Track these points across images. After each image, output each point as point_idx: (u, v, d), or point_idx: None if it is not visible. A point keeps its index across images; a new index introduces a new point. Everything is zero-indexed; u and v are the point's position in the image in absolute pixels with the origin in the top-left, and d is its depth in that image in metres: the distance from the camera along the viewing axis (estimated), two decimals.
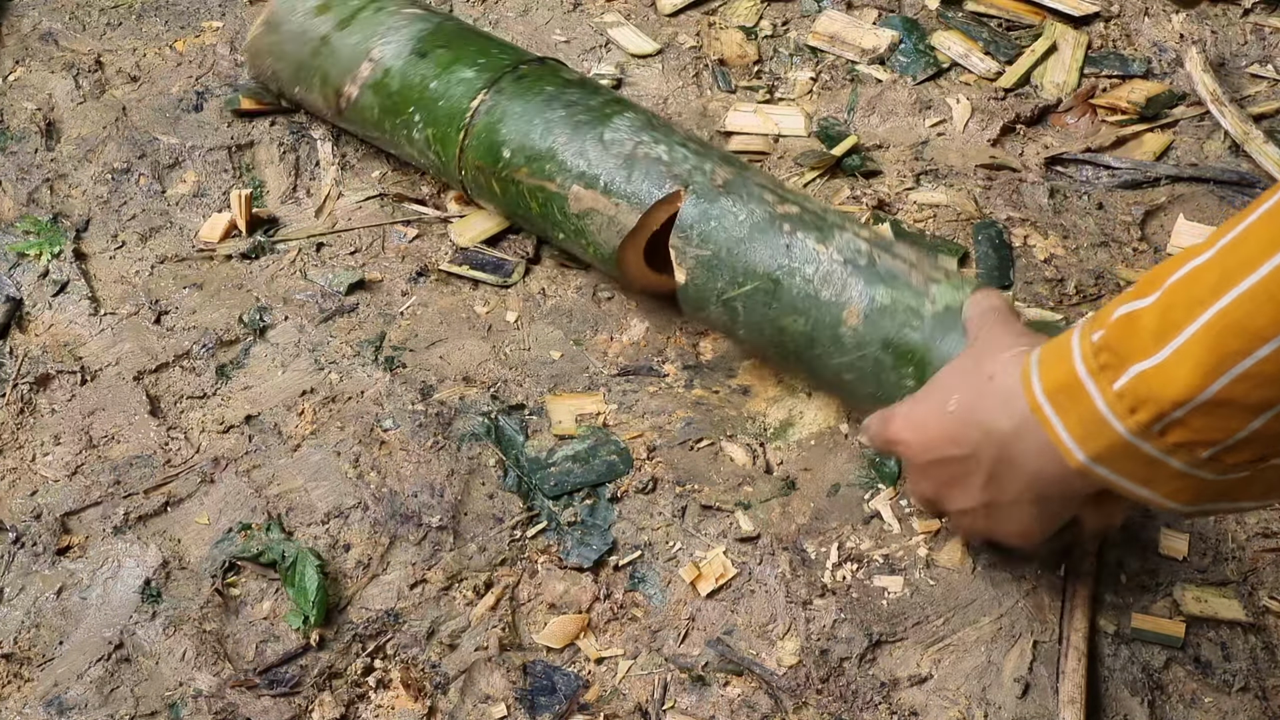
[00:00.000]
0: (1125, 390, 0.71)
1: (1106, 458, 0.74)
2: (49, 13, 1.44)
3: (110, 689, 0.91)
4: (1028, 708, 0.91)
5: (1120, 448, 0.73)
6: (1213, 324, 0.67)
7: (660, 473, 1.04)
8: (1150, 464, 0.72)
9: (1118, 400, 0.71)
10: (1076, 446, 0.75)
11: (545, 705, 0.92)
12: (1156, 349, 0.69)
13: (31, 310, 1.16)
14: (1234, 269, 0.66)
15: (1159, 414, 0.70)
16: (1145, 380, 0.70)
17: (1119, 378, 0.71)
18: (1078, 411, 0.74)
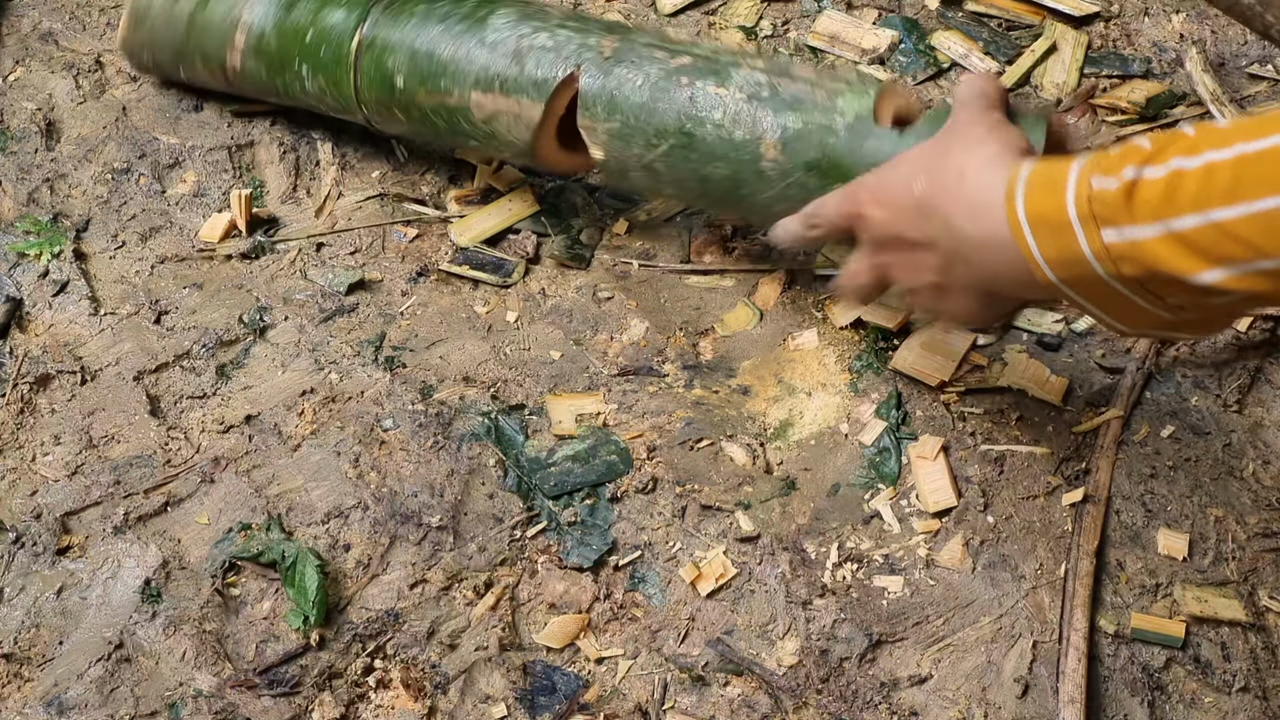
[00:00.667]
0: (1115, 248, 0.73)
1: (1077, 285, 0.77)
2: (49, 13, 1.44)
3: (110, 689, 0.91)
4: (1028, 708, 0.91)
5: (1097, 284, 0.76)
6: (1217, 228, 0.69)
7: (660, 473, 1.04)
8: (1119, 298, 0.76)
9: (1105, 252, 0.74)
10: (1050, 270, 0.78)
11: (545, 705, 0.92)
12: (1154, 220, 0.72)
13: (31, 310, 1.16)
14: (1249, 184, 0.69)
15: (1143, 276, 0.73)
16: (1140, 248, 0.72)
17: (1110, 231, 0.74)
18: (1059, 245, 0.76)
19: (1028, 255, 0.78)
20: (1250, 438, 1.07)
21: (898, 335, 1.13)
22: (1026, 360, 1.11)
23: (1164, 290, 0.74)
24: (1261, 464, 1.06)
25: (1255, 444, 1.07)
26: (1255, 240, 0.68)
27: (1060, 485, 1.04)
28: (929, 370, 1.10)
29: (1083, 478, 1.04)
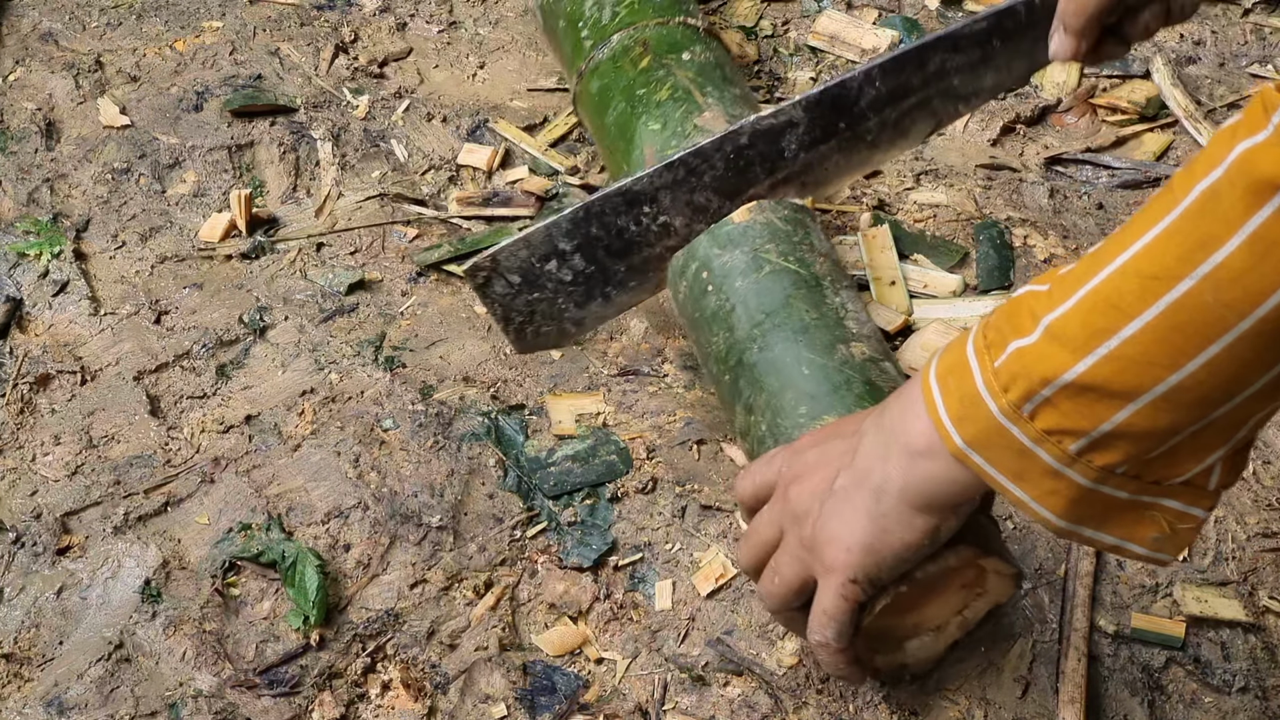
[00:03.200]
0: (1002, 367, 0.68)
1: (981, 442, 0.69)
2: (49, 13, 1.44)
3: (110, 689, 0.91)
4: (1028, 708, 0.91)
5: (993, 430, 0.68)
6: (1084, 300, 0.65)
7: (660, 473, 1.04)
8: (1021, 454, 0.68)
9: (994, 378, 0.68)
10: (954, 429, 0.70)
11: (545, 705, 0.92)
12: (1034, 326, 0.67)
13: (31, 310, 1.16)
14: (1111, 249, 0.65)
15: (1028, 391, 0.66)
16: (1020, 356, 0.67)
17: (1000, 355, 0.68)
18: (960, 390, 0.70)
19: (934, 416, 0.71)
20: None
21: (898, 335, 1.13)
22: None
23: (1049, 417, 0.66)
24: (1262, 464, 1.06)
25: (1255, 444, 1.07)
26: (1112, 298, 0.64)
27: None
28: None
29: None
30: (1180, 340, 0.62)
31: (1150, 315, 0.62)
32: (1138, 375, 0.64)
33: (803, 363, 0.94)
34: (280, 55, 1.39)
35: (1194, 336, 0.62)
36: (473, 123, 1.33)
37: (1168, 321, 0.62)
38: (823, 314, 0.97)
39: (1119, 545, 0.71)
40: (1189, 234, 0.61)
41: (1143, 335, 0.63)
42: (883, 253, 1.20)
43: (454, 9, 1.46)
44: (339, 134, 1.31)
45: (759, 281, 0.99)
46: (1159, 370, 0.63)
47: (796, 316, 0.97)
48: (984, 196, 1.26)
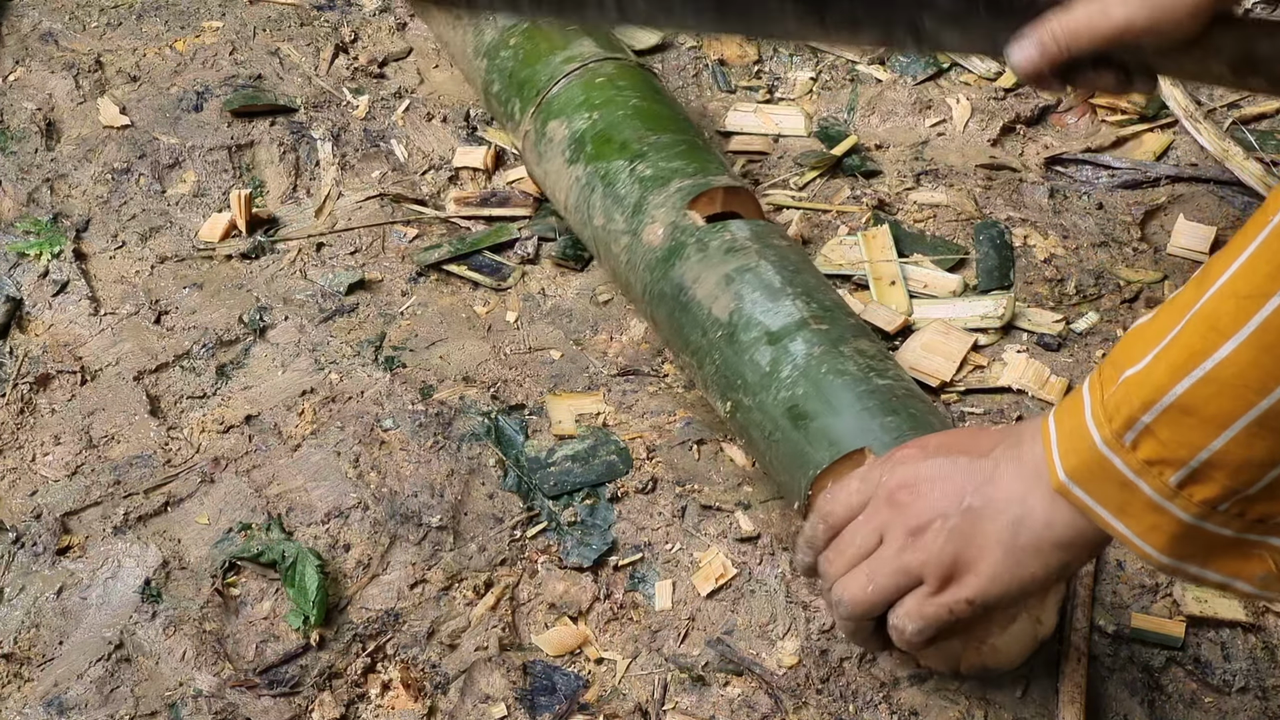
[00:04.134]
0: (1110, 398, 0.67)
1: (1083, 475, 0.69)
2: (49, 13, 1.44)
3: (110, 689, 0.91)
4: (1028, 708, 0.91)
5: (1095, 462, 0.68)
6: (1189, 324, 0.64)
7: (660, 473, 1.04)
8: (1124, 486, 0.68)
9: (1102, 409, 0.67)
10: (1059, 460, 0.70)
11: (545, 705, 0.92)
12: (1143, 355, 0.66)
13: (31, 310, 1.16)
14: (1214, 270, 0.64)
15: (1130, 418, 0.66)
16: (1125, 386, 0.66)
17: (1110, 388, 0.68)
18: (1070, 423, 0.70)
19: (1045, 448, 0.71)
20: None
21: (898, 335, 1.13)
22: (1026, 360, 1.11)
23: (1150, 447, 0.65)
24: None
25: None
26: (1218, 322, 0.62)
27: None
28: (929, 370, 1.10)
29: None
30: (1270, 362, 0.61)
31: (1244, 335, 0.61)
32: (1231, 399, 0.62)
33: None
34: (280, 55, 1.39)
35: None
36: (472, 123, 1.33)
37: (1259, 341, 0.61)
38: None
39: (1226, 583, 0.69)
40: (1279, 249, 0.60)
41: (1236, 356, 0.62)
42: (883, 253, 1.20)
43: None
44: (339, 134, 1.31)
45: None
46: (1250, 394, 0.61)
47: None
48: (984, 196, 1.26)
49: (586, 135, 1.15)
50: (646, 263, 1.07)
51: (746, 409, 0.99)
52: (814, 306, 1.00)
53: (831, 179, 1.28)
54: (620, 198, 1.10)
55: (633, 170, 1.11)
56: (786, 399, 0.96)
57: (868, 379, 0.95)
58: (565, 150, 1.16)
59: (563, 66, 1.19)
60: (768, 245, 1.05)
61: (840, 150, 1.30)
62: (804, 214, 1.24)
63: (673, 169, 1.10)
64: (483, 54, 1.26)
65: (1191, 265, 1.21)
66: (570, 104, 1.17)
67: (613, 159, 1.12)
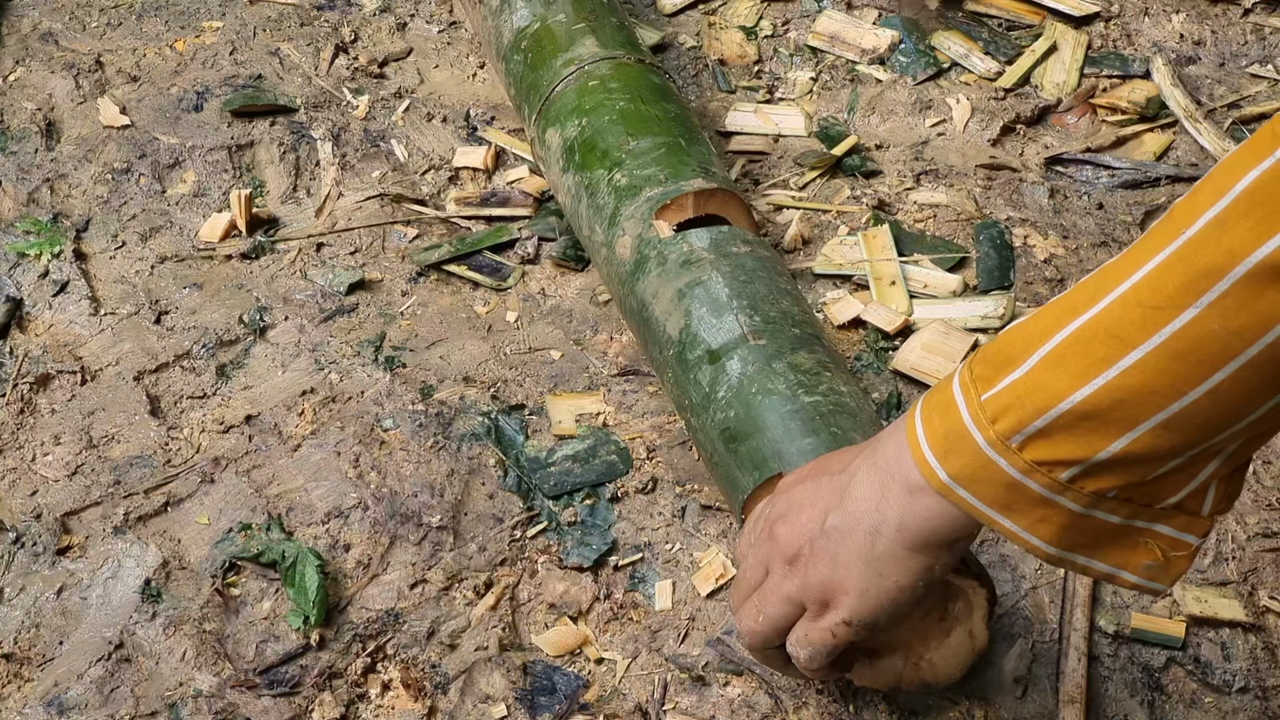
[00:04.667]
0: (990, 400, 0.66)
1: (967, 477, 0.68)
2: (49, 13, 1.44)
3: (110, 689, 0.91)
4: (1028, 708, 0.91)
5: (979, 464, 0.67)
6: (1083, 330, 0.64)
7: (660, 473, 1.04)
8: (1010, 487, 0.67)
9: (981, 411, 0.67)
10: (938, 463, 0.69)
11: (545, 705, 0.92)
12: (1025, 357, 0.66)
13: (31, 310, 1.16)
14: (1109, 278, 0.64)
15: (1020, 422, 0.65)
16: (1011, 389, 0.66)
17: (989, 389, 0.67)
18: (945, 425, 0.69)
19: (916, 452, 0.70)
20: None
21: (898, 336, 1.13)
22: None
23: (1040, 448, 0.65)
24: (1262, 464, 1.06)
25: None
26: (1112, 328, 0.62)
27: None
28: (930, 370, 1.10)
29: None
30: (1184, 368, 0.61)
31: (1152, 344, 0.62)
32: (1138, 404, 0.63)
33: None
34: (280, 55, 1.39)
35: (1198, 364, 0.61)
36: (472, 123, 1.33)
37: (1171, 350, 0.61)
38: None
39: (1112, 574, 0.70)
40: (1193, 263, 0.61)
41: (1144, 364, 0.62)
42: (883, 253, 1.20)
43: (454, 9, 1.46)
44: (339, 134, 1.31)
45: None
46: (1160, 399, 0.62)
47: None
48: (984, 196, 1.26)
49: (575, 143, 1.15)
50: (620, 276, 1.07)
51: (694, 429, 1.00)
52: (756, 320, 0.99)
53: (831, 179, 1.28)
54: (600, 209, 1.10)
55: (610, 180, 1.10)
56: (721, 420, 0.96)
57: (795, 397, 0.94)
58: (560, 159, 1.16)
59: (561, 71, 1.19)
60: (723, 255, 1.03)
61: (840, 150, 1.30)
62: (804, 214, 1.24)
63: (645, 177, 1.09)
64: (501, 57, 1.27)
65: None
66: (564, 110, 1.17)
67: (595, 168, 1.12)
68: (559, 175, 1.16)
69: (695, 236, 1.05)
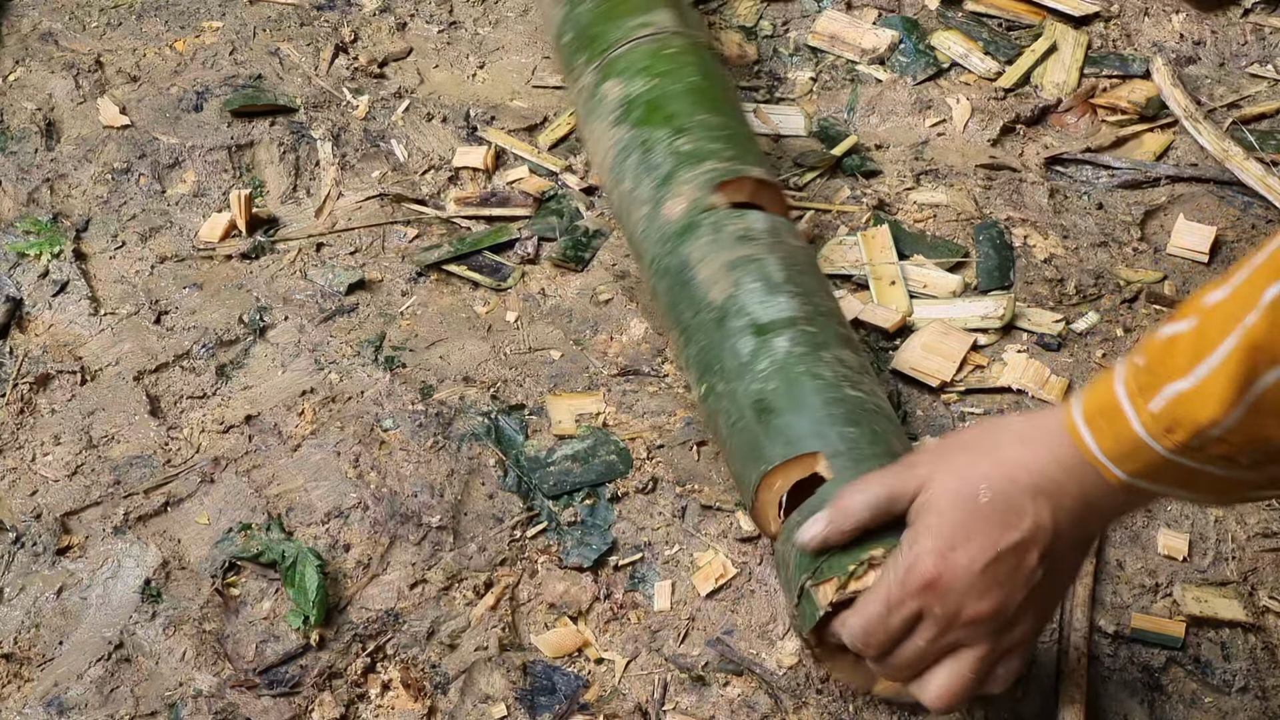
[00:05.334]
0: (1162, 412, 0.70)
1: (1147, 474, 0.73)
2: (49, 13, 1.44)
3: (110, 689, 0.91)
4: (1028, 708, 0.91)
5: (1160, 465, 0.72)
6: (1241, 342, 0.67)
7: (660, 473, 1.04)
8: (1192, 473, 0.72)
9: (1153, 421, 0.71)
10: (1114, 465, 0.74)
11: (545, 705, 0.92)
12: (1191, 368, 0.69)
13: (31, 310, 1.16)
14: (1257, 286, 0.67)
15: (1196, 433, 0.69)
16: (1182, 401, 0.69)
17: (1155, 398, 0.71)
18: (1114, 431, 0.73)
19: (1087, 454, 0.74)
20: None
21: (898, 335, 1.13)
22: (1026, 360, 1.11)
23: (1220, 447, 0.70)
24: None
25: None
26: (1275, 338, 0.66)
27: None
28: (930, 370, 1.10)
29: None
30: None
31: None
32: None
33: None
34: (280, 55, 1.39)
35: None
36: (472, 123, 1.33)
37: None
38: None
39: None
40: None
41: None
42: (883, 253, 1.20)
43: (454, 9, 1.46)
44: (339, 134, 1.31)
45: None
46: None
47: None
48: (984, 196, 1.26)
49: (639, 100, 1.16)
50: (661, 234, 1.08)
51: (719, 394, 0.99)
52: (808, 308, 1.00)
53: (831, 179, 1.28)
54: (653, 167, 1.11)
55: (672, 143, 1.12)
56: (757, 391, 0.96)
57: (839, 388, 0.94)
58: (614, 111, 1.17)
59: (635, 30, 1.21)
60: (779, 241, 1.05)
61: (840, 150, 1.30)
62: (804, 214, 1.24)
63: (711, 149, 1.11)
64: (564, 1, 1.27)
65: (1191, 265, 1.21)
66: (632, 67, 1.18)
67: (657, 128, 1.13)
68: (607, 127, 1.17)
69: (754, 218, 1.06)
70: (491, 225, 1.24)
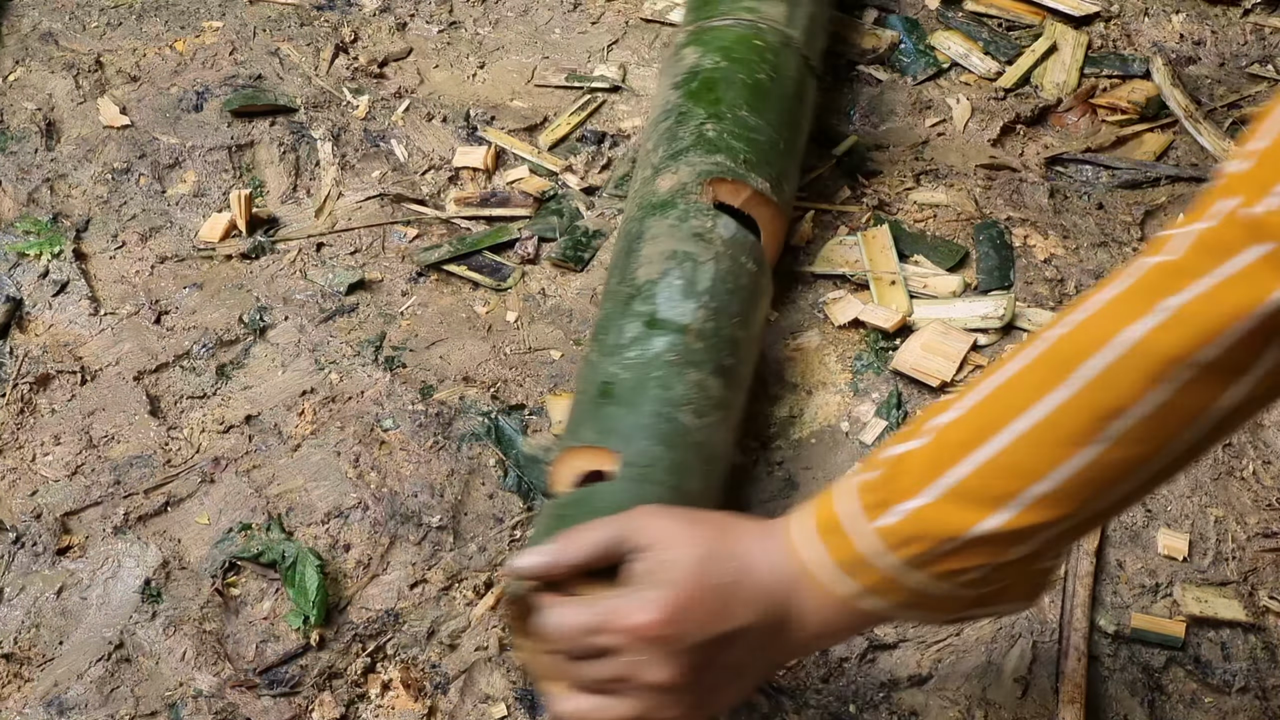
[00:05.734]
0: (895, 527, 0.71)
1: (879, 590, 0.73)
2: (49, 13, 1.44)
3: (110, 689, 0.91)
4: (1028, 708, 0.91)
5: (889, 581, 0.72)
6: (984, 467, 0.69)
7: None
8: (919, 592, 0.72)
9: (887, 535, 0.71)
10: (847, 578, 0.73)
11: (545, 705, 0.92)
12: (924, 486, 0.70)
13: (31, 310, 1.16)
14: (1001, 413, 0.69)
15: (932, 549, 0.71)
16: (918, 518, 0.71)
17: (884, 515, 0.72)
18: (845, 547, 0.73)
19: (820, 571, 0.74)
20: (1250, 438, 1.07)
21: (898, 335, 1.13)
22: None
23: (952, 562, 0.71)
24: (1262, 464, 1.06)
25: (1255, 444, 1.07)
26: (1019, 464, 0.68)
27: None
28: (930, 370, 1.10)
29: None
30: (1090, 491, 0.69)
31: (1063, 474, 0.68)
32: (1044, 514, 0.69)
33: None
34: (280, 55, 1.39)
35: (1103, 485, 0.68)
36: (472, 123, 1.33)
37: (1080, 478, 0.68)
38: None
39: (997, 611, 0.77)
40: (1088, 407, 0.67)
41: (1057, 490, 0.68)
42: (883, 253, 1.20)
43: (454, 9, 1.46)
44: (339, 134, 1.31)
45: None
46: (1068, 508, 0.69)
47: None
48: (984, 196, 1.26)
49: (701, 74, 1.16)
50: (644, 200, 1.08)
51: (589, 361, 0.99)
52: (709, 325, 0.99)
53: (831, 179, 1.28)
54: (675, 138, 1.11)
55: (702, 125, 1.12)
56: (611, 374, 0.96)
57: (678, 409, 0.93)
58: (680, 75, 1.17)
59: (739, 10, 1.21)
60: (731, 256, 1.03)
61: (840, 150, 1.30)
62: (805, 214, 1.24)
63: (732, 147, 1.10)
64: None
65: None
66: (715, 43, 1.19)
67: (699, 105, 1.13)
68: (669, 86, 1.18)
69: (724, 223, 1.05)
70: (491, 225, 1.24)
